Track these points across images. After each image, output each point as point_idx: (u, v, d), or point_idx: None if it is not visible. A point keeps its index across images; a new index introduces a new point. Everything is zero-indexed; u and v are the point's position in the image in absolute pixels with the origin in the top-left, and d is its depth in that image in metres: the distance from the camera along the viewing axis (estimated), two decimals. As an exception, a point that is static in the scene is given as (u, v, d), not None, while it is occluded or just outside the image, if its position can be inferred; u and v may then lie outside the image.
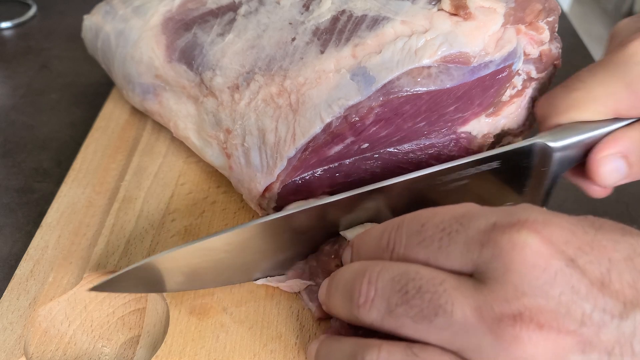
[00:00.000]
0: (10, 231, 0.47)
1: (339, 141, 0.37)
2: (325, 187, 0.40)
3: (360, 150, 0.38)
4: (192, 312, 0.38)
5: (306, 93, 0.37)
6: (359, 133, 0.36)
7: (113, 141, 0.50)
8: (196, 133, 0.44)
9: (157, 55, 0.45)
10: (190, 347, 0.36)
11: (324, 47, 0.38)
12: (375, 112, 0.35)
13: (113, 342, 0.38)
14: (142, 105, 0.48)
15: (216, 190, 0.46)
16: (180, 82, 0.44)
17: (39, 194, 0.50)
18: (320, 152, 0.37)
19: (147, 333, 0.39)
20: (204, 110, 0.42)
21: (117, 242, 0.42)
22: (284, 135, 0.37)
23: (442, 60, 0.35)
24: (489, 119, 0.41)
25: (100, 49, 0.52)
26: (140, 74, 0.47)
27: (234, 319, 0.38)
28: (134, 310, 0.40)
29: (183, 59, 0.44)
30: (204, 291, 0.39)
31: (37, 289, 0.39)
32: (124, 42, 0.48)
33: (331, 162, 0.39)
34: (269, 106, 0.38)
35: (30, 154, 0.55)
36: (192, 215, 0.44)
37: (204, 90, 0.42)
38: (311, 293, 0.38)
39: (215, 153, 0.43)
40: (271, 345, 0.36)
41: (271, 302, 0.39)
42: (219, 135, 0.41)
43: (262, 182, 0.39)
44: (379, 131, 0.37)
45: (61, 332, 0.38)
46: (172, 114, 0.45)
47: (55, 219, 0.43)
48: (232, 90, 0.40)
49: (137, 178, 0.47)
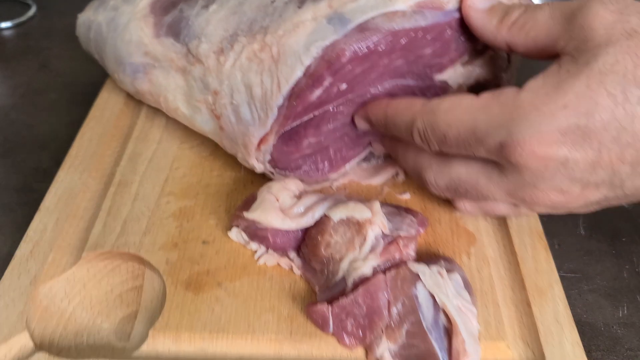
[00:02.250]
0: (10, 231, 0.47)
1: (318, 84, 0.38)
2: (313, 135, 0.42)
3: (340, 92, 0.40)
4: (187, 287, 0.39)
5: (286, 43, 0.38)
6: (336, 72, 0.38)
7: (108, 129, 0.52)
8: (185, 102, 0.46)
9: (145, 33, 0.48)
10: (187, 319, 0.37)
11: (302, 4, 0.40)
12: (350, 48, 0.37)
13: (111, 318, 0.40)
14: (133, 86, 0.50)
15: (210, 174, 0.48)
16: (168, 55, 0.46)
17: (38, 194, 0.49)
18: (304, 98, 0.39)
19: (145, 309, 0.40)
20: (192, 78, 0.44)
21: (114, 224, 0.43)
22: (269, 86, 0.39)
23: (416, 5, 0.38)
24: (463, 68, 0.43)
25: (92, 40, 0.53)
26: (130, 53, 0.49)
27: (229, 292, 0.39)
28: (132, 288, 0.41)
29: (170, 33, 0.46)
30: (199, 268, 0.40)
31: (37, 268, 0.40)
32: (114, 27, 0.50)
33: (316, 109, 0.40)
34: (253, 62, 0.40)
35: (30, 154, 0.55)
36: (187, 198, 0.45)
37: (191, 59, 0.44)
38: (307, 272, 0.40)
39: (205, 118, 0.44)
40: (265, 316, 0.38)
41: (264, 277, 0.40)
42: (207, 98, 0.43)
43: (256, 135, 0.41)
44: (355, 69, 0.38)
45: (61, 309, 0.40)
46: (162, 88, 0.47)
47: (53, 203, 0.45)
48: (218, 54, 0.42)
49: (132, 163, 0.48)
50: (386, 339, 0.36)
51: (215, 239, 0.42)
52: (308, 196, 0.41)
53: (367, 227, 0.38)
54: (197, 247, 0.42)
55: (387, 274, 0.37)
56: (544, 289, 0.40)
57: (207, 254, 0.41)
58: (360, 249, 0.38)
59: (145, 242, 0.42)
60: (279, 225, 0.39)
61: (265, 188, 0.42)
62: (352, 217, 0.39)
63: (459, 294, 0.37)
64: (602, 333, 0.42)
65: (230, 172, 0.48)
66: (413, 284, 0.36)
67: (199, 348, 0.37)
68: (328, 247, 0.39)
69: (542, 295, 0.39)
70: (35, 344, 0.37)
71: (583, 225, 0.49)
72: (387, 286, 0.36)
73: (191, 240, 0.42)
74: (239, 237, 0.42)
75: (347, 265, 0.38)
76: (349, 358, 0.36)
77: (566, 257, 0.47)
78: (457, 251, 0.42)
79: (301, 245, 0.40)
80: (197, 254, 0.41)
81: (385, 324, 0.36)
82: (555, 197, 0.36)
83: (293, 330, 0.37)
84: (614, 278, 0.45)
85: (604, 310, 0.43)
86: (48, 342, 0.38)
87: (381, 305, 0.36)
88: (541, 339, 0.37)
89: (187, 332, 0.37)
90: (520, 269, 0.41)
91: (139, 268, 0.42)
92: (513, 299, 0.40)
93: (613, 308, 0.43)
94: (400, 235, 0.39)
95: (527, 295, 0.39)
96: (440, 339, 0.35)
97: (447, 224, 0.44)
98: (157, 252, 0.41)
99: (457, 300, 0.36)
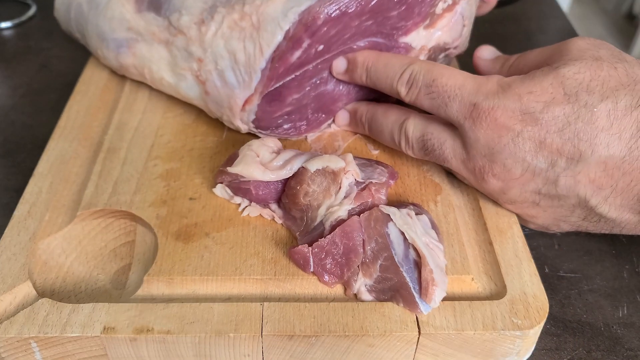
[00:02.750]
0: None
1: (297, 46, 0.42)
2: (294, 94, 0.46)
3: (318, 52, 0.44)
4: (177, 238, 0.42)
5: (264, 11, 0.43)
6: (313, 34, 0.42)
7: (94, 102, 0.54)
8: (169, 71, 0.49)
9: (127, 9, 0.50)
10: (178, 265, 0.41)
11: None
12: (324, 11, 0.41)
13: (107, 270, 0.43)
14: (117, 60, 0.53)
15: (193, 139, 0.51)
16: (150, 29, 0.49)
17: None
18: (285, 59, 0.43)
19: (138, 261, 0.43)
20: (175, 49, 0.48)
21: (105, 185, 0.46)
22: (252, 51, 0.43)
23: None
24: (425, 31, 0.48)
25: (73, 19, 0.56)
26: (113, 29, 0.51)
27: (216, 241, 0.42)
28: (125, 243, 0.44)
29: (151, 7, 0.49)
30: (188, 221, 0.43)
31: (35, 226, 0.43)
32: (95, 5, 0.53)
33: (297, 70, 0.44)
34: (234, 30, 0.44)
35: (30, 154, 0.56)
36: (172, 161, 0.49)
37: (173, 31, 0.47)
38: (287, 221, 0.43)
39: (190, 84, 0.48)
40: (250, 260, 0.41)
41: (248, 227, 0.43)
42: (191, 65, 0.47)
43: (241, 96, 0.45)
44: (329, 30, 0.43)
45: (59, 264, 0.42)
46: (146, 60, 0.50)
47: (46, 169, 0.47)
48: (199, 25, 0.46)
49: (119, 132, 0.51)
50: (362, 275, 0.39)
51: (202, 196, 0.46)
52: (286, 151, 0.45)
53: (341, 175, 0.42)
54: (184, 203, 0.45)
55: (362, 216, 0.40)
56: (504, 229, 0.44)
57: (195, 208, 0.45)
58: (335, 196, 0.42)
59: (135, 200, 0.45)
60: (260, 177, 0.42)
61: (246, 146, 0.45)
62: (327, 167, 0.42)
63: (427, 232, 0.40)
64: (602, 333, 0.42)
65: (213, 137, 0.51)
66: (385, 224, 0.40)
67: (191, 290, 0.40)
68: (306, 195, 0.42)
69: (502, 235, 0.43)
70: (38, 293, 0.40)
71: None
72: (361, 227, 0.40)
73: (179, 198, 0.45)
74: (224, 193, 0.45)
75: (324, 211, 0.41)
76: (329, 294, 0.40)
77: (566, 257, 0.48)
78: (425, 199, 0.46)
79: (281, 196, 0.44)
80: (185, 209, 0.44)
81: (360, 261, 0.39)
82: (499, 172, 0.41)
83: (277, 271, 0.40)
84: (614, 278, 0.46)
85: (604, 310, 0.44)
86: (50, 291, 0.41)
87: (357, 243, 0.39)
88: (502, 272, 0.41)
89: (179, 276, 0.40)
90: (482, 213, 0.45)
91: (131, 225, 0.45)
92: (477, 240, 0.44)
93: (613, 308, 0.44)
94: (372, 182, 0.42)
95: (489, 236, 0.43)
96: (411, 270, 0.38)
97: (415, 177, 0.48)
98: (148, 208, 0.44)
99: (425, 238, 0.40)
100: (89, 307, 0.38)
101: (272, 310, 0.38)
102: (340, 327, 0.37)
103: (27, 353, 0.37)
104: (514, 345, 0.38)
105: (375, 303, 0.38)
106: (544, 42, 0.76)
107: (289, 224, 0.43)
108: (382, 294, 0.39)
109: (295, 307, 0.38)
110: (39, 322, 0.37)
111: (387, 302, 0.38)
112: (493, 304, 0.39)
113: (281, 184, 0.44)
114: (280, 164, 0.43)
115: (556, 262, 0.47)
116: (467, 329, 0.37)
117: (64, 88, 0.64)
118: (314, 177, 0.42)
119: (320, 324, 0.37)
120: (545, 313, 0.38)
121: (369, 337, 0.37)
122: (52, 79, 0.67)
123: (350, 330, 0.37)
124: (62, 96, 0.62)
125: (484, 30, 0.75)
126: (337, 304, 0.38)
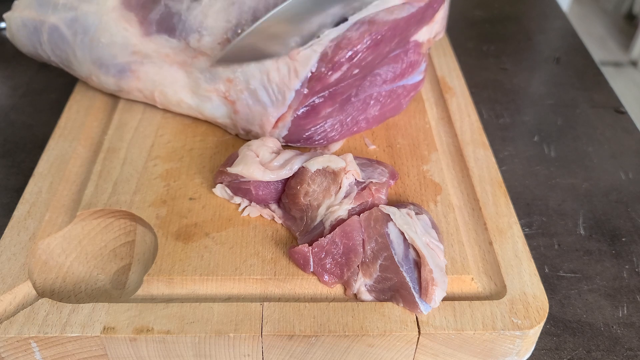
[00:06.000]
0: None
1: (337, 68, 0.43)
2: (328, 106, 0.46)
3: (352, 75, 0.45)
4: (177, 238, 0.42)
5: None
6: (351, 59, 0.43)
7: (94, 102, 0.54)
8: (190, 93, 0.49)
9: (131, 33, 0.49)
10: (178, 265, 0.41)
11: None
12: (365, 38, 0.43)
13: (107, 270, 0.43)
14: (117, 85, 0.51)
15: (193, 139, 0.51)
16: (162, 52, 0.48)
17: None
18: (324, 80, 0.44)
19: (138, 261, 0.43)
20: (196, 70, 0.47)
21: (105, 185, 0.46)
22: (286, 72, 0.44)
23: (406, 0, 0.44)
24: (428, 26, 0.49)
25: (47, 43, 0.52)
26: (114, 55, 0.50)
27: (216, 241, 0.42)
28: (125, 243, 0.44)
29: (162, 30, 0.48)
30: (188, 221, 0.43)
31: (35, 226, 0.43)
32: (82, 29, 0.50)
33: (333, 87, 0.45)
34: None
35: (30, 154, 0.56)
36: (172, 160, 0.49)
37: (191, 52, 0.47)
38: (287, 221, 0.43)
39: (216, 105, 0.49)
40: (250, 260, 0.41)
41: (248, 226, 0.43)
42: (218, 87, 0.47)
43: (275, 114, 0.46)
44: (366, 57, 0.44)
45: (59, 263, 0.42)
46: (155, 84, 0.50)
47: (46, 169, 0.47)
48: (223, 45, 0.45)
49: (119, 132, 0.51)
50: (362, 275, 0.39)
51: (202, 196, 0.46)
52: (286, 151, 0.45)
53: (342, 175, 0.42)
54: (184, 203, 0.45)
55: (361, 215, 0.40)
56: (504, 229, 0.44)
57: (194, 208, 0.45)
58: (335, 196, 0.42)
59: (135, 200, 0.45)
60: (260, 177, 0.42)
61: (246, 146, 0.45)
62: (327, 167, 0.42)
63: (426, 232, 0.40)
64: (602, 333, 0.42)
65: (212, 137, 0.51)
66: (385, 224, 0.40)
67: (191, 290, 0.40)
68: (307, 195, 0.42)
69: (502, 235, 0.43)
70: (38, 292, 0.40)
71: (583, 225, 0.50)
72: (361, 226, 0.40)
73: (179, 198, 0.45)
74: (223, 193, 0.45)
75: (324, 210, 0.41)
76: (328, 294, 0.40)
77: (566, 257, 0.48)
78: (425, 199, 0.46)
79: (281, 196, 0.44)
80: (185, 209, 0.44)
81: (360, 261, 0.39)
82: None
83: (277, 271, 0.40)
84: (614, 278, 0.46)
85: (604, 310, 0.44)
86: (49, 291, 0.41)
87: (356, 243, 0.39)
88: (502, 272, 0.41)
89: (179, 275, 0.40)
90: (482, 213, 0.45)
91: (131, 225, 0.45)
92: (476, 240, 0.44)
93: (613, 308, 0.44)
94: (372, 181, 0.42)
95: (488, 236, 0.43)
96: (411, 270, 0.38)
97: (415, 177, 0.48)
98: (148, 208, 0.44)
99: (425, 237, 0.40)
100: (89, 307, 0.38)
101: (272, 310, 0.38)
102: (340, 327, 0.37)
103: (27, 353, 0.37)
104: (514, 345, 0.38)
105: (375, 303, 0.38)
106: (544, 42, 0.76)
107: (289, 223, 0.43)
108: (382, 294, 0.39)
109: (295, 307, 0.38)
110: (39, 322, 0.37)
111: (387, 302, 0.38)
112: (493, 304, 0.39)
113: (281, 184, 0.44)
114: (280, 164, 0.43)
115: (556, 262, 0.47)
116: (467, 329, 0.37)
117: (64, 88, 0.64)
118: (314, 177, 0.42)
119: (320, 324, 0.37)
120: (545, 313, 0.38)
121: (369, 337, 0.37)
122: (52, 79, 0.66)
123: (350, 330, 0.37)
124: (62, 96, 0.62)
125: (484, 30, 0.75)
126: (337, 304, 0.38)
